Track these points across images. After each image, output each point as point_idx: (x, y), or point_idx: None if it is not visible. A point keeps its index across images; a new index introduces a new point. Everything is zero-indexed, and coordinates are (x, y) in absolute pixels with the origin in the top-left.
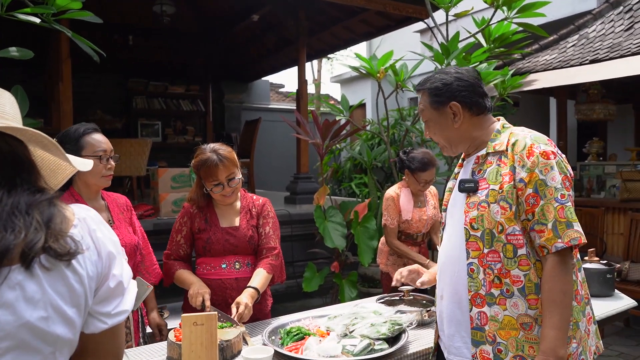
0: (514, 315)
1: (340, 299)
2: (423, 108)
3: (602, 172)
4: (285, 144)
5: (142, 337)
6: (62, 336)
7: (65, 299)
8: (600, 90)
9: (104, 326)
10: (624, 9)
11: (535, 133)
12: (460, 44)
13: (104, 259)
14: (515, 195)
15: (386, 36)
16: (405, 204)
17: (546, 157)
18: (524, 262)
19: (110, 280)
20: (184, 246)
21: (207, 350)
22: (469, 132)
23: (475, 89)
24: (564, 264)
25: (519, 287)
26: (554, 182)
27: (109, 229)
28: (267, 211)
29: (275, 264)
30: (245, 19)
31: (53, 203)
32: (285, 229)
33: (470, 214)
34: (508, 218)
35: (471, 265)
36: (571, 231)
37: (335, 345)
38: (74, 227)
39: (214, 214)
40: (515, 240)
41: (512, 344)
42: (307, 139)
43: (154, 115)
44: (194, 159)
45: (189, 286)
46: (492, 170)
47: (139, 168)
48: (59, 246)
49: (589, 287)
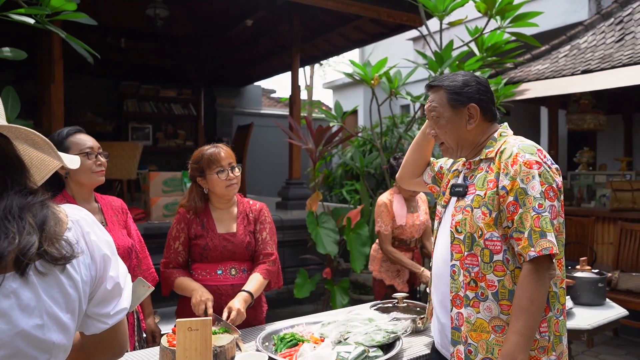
0: (486, 319)
1: (332, 305)
2: (437, 105)
3: (592, 181)
4: (277, 149)
5: (138, 340)
6: (57, 343)
7: (60, 306)
8: (591, 101)
9: (105, 327)
10: (615, 21)
11: (525, 142)
12: (453, 53)
13: (98, 262)
14: (497, 202)
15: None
16: (399, 210)
17: (528, 167)
18: (500, 267)
19: (107, 282)
20: (182, 253)
21: (202, 356)
22: (477, 137)
23: (491, 96)
24: (536, 272)
25: (493, 292)
26: (534, 192)
27: (102, 229)
28: (264, 216)
29: (272, 269)
30: (239, 23)
31: (46, 205)
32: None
33: (456, 217)
34: (487, 224)
35: (454, 267)
36: (544, 241)
37: (329, 351)
38: (69, 230)
39: (210, 220)
40: (492, 245)
41: (482, 346)
42: (300, 145)
43: (145, 119)
44: (191, 160)
45: (190, 293)
46: (481, 177)
47: (130, 171)
48: (54, 250)
49: (580, 297)
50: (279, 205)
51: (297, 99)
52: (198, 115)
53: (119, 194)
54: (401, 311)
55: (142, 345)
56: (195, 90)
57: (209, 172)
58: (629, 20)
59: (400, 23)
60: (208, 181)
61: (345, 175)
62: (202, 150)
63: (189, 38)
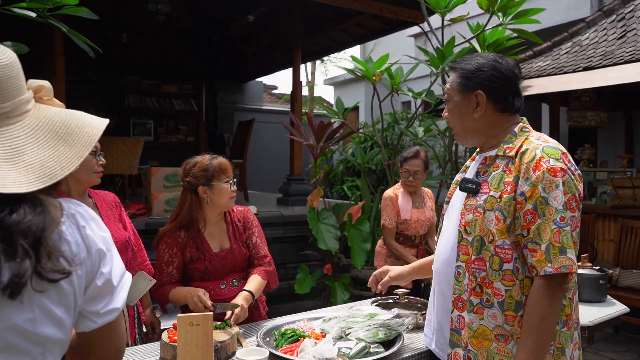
0: (489, 326)
1: (333, 301)
2: (450, 88)
3: (593, 178)
4: (278, 145)
5: (138, 333)
6: (51, 336)
7: (52, 299)
8: (592, 98)
9: (93, 325)
10: (617, 18)
11: (550, 144)
12: (455, 49)
13: (93, 256)
14: (513, 208)
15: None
16: (404, 204)
17: (553, 174)
18: (509, 277)
19: (97, 278)
20: (176, 275)
21: (203, 351)
22: (486, 127)
23: (509, 85)
24: (549, 289)
25: (499, 301)
26: (556, 203)
27: (99, 224)
28: (251, 221)
29: (269, 270)
30: (240, 19)
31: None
32: (278, 230)
33: (466, 217)
34: (500, 230)
35: (459, 268)
36: (563, 258)
37: (330, 347)
38: (62, 224)
39: (203, 240)
40: (503, 253)
41: (482, 354)
42: (301, 141)
43: (147, 114)
44: (193, 167)
45: (184, 300)
46: (497, 176)
47: (131, 167)
48: (52, 266)
49: (581, 293)
50: (280, 201)
51: (299, 94)
52: (199, 111)
53: (120, 190)
54: (402, 307)
55: (143, 338)
56: (196, 85)
57: (217, 181)
58: (631, 17)
59: (402, 19)
60: (215, 190)
61: (346, 172)
62: (204, 160)
63: (190, 33)
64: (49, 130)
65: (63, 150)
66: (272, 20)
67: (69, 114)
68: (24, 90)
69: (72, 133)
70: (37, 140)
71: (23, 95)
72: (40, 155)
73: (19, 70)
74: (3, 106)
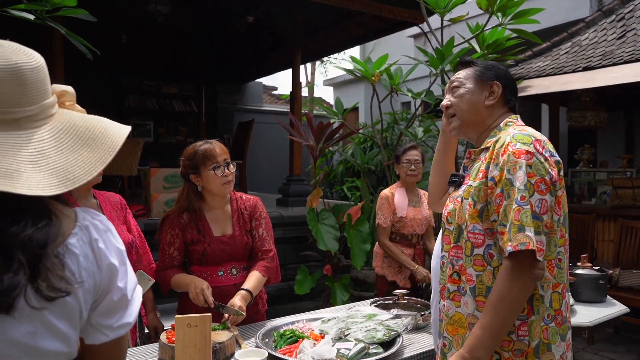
0: (464, 314)
1: (332, 302)
2: (462, 77)
3: (593, 178)
4: (278, 146)
5: (140, 337)
6: (53, 350)
7: (54, 313)
8: (592, 98)
9: (105, 338)
10: (617, 18)
11: (523, 132)
12: (454, 49)
13: (103, 271)
14: (484, 193)
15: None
16: (400, 202)
17: (517, 156)
18: (479, 262)
19: (114, 292)
20: (177, 257)
21: (201, 352)
22: (489, 117)
23: (516, 89)
24: (512, 269)
25: (471, 287)
26: (518, 183)
27: (115, 237)
28: (260, 212)
29: (271, 266)
30: (240, 19)
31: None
32: (278, 231)
33: (448, 208)
34: (471, 215)
35: (443, 258)
36: (521, 235)
37: (329, 348)
38: (73, 236)
39: (205, 223)
40: (473, 238)
41: (457, 341)
42: (301, 141)
43: (147, 115)
44: (183, 156)
45: (186, 287)
46: (476, 167)
47: (131, 167)
48: (49, 284)
49: (581, 293)
50: (280, 202)
51: (298, 95)
52: (199, 112)
53: (120, 190)
54: (402, 308)
55: (144, 341)
56: (196, 86)
57: (203, 168)
58: (631, 17)
59: (401, 20)
60: (203, 178)
61: (346, 172)
62: (195, 146)
63: (190, 34)
64: (73, 135)
65: (86, 155)
66: (272, 21)
67: (92, 120)
68: (49, 94)
69: (95, 138)
70: (61, 144)
71: (48, 99)
72: (64, 159)
73: (45, 74)
74: (30, 109)
